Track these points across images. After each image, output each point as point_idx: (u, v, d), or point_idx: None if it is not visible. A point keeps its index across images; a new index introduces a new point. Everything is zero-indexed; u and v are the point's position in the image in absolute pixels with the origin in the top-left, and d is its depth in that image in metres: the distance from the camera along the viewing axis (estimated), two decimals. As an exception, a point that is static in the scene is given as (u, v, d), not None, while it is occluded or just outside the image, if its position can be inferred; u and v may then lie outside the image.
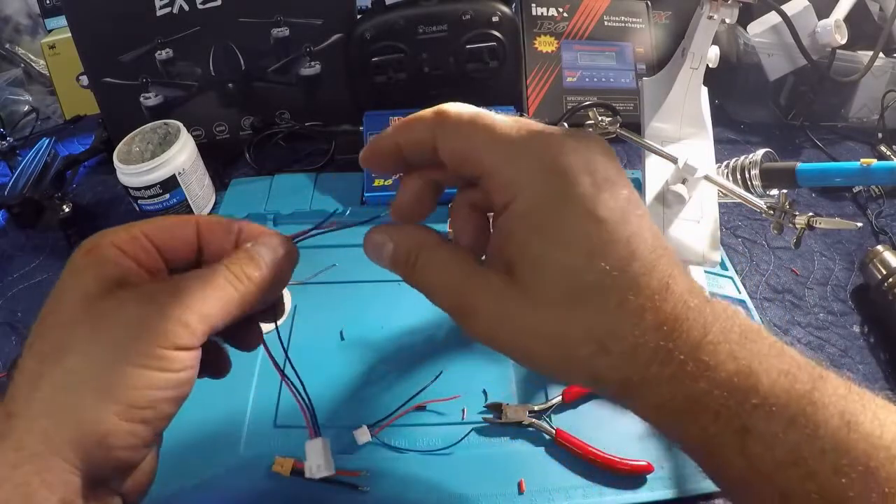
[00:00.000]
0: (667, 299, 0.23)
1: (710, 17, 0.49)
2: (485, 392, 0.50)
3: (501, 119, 0.26)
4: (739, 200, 0.50)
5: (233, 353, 0.54)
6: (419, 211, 0.29)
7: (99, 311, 0.24)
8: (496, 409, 0.48)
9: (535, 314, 0.24)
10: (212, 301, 0.25)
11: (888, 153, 0.79)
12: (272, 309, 0.31)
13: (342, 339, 0.54)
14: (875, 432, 0.22)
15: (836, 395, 0.22)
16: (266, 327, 0.51)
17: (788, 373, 0.23)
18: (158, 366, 0.24)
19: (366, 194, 0.67)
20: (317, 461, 0.29)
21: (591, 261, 0.23)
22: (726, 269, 0.62)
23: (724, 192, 0.51)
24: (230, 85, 0.74)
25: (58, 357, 0.23)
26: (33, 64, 0.93)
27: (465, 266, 0.26)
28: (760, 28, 0.80)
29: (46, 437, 0.23)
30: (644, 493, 0.44)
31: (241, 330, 0.30)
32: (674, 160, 0.51)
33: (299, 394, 0.30)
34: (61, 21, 0.82)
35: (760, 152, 0.53)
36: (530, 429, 0.47)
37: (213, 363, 0.31)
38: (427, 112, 0.27)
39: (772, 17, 0.78)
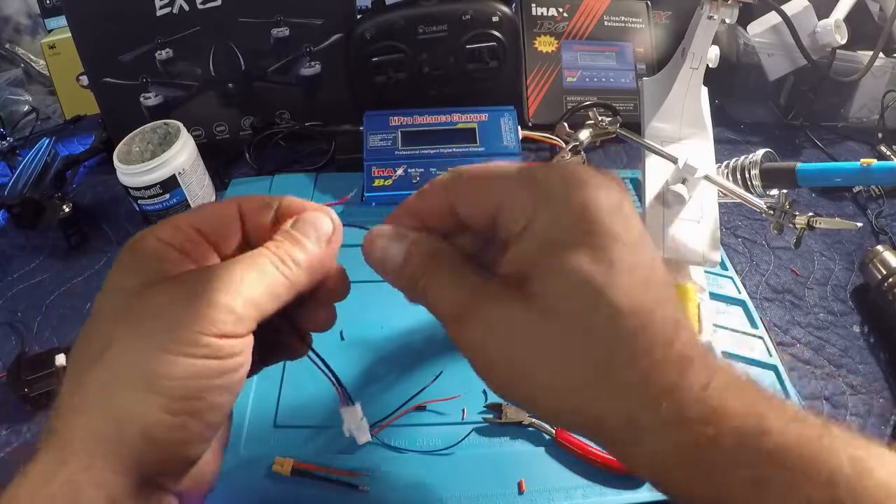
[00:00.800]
0: (678, 337, 0.22)
1: (710, 17, 0.49)
2: (485, 392, 0.50)
3: (509, 163, 0.25)
4: (739, 200, 0.50)
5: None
6: None
7: (141, 304, 0.24)
8: (496, 409, 0.48)
9: (542, 324, 0.23)
10: (258, 285, 0.24)
11: (888, 153, 0.79)
12: (336, 288, 0.30)
13: (342, 339, 0.54)
14: (891, 481, 0.21)
15: (844, 441, 0.22)
16: None
17: (797, 417, 0.22)
18: (203, 353, 0.23)
19: (366, 194, 0.67)
20: (354, 425, 0.31)
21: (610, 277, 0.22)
22: (726, 269, 0.62)
23: (724, 192, 0.51)
24: (230, 85, 0.74)
25: (100, 353, 0.23)
26: (33, 64, 0.93)
27: (474, 274, 0.25)
28: (760, 28, 0.80)
29: (92, 433, 0.22)
30: (644, 493, 0.44)
31: (312, 310, 0.29)
32: (674, 160, 0.51)
33: (328, 369, 0.31)
34: (61, 21, 0.82)
35: (760, 152, 0.53)
36: (530, 429, 0.47)
37: (288, 344, 0.30)
38: (438, 178, 0.27)
39: (772, 17, 0.78)
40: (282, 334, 0.30)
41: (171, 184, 0.63)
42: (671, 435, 0.22)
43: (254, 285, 0.24)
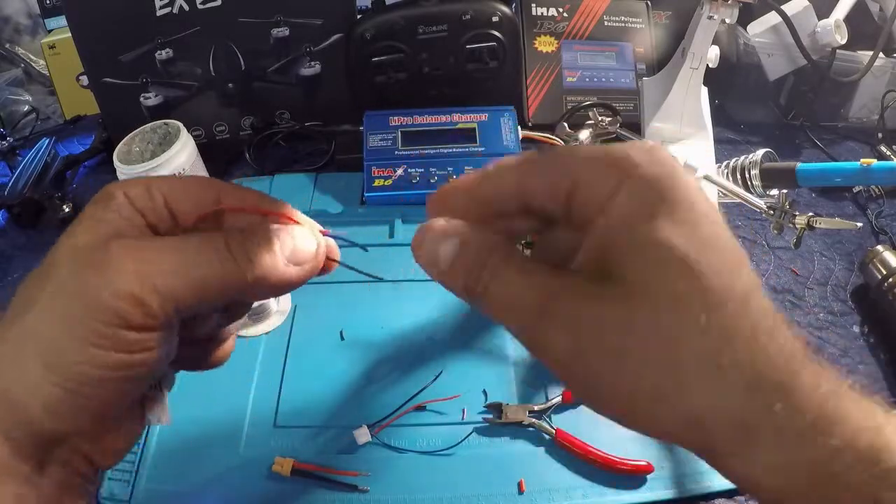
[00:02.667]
0: (778, 328, 0.19)
1: (710, 17, 0.50)
2: (485, 392, 0.50)
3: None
4: (739, 200, 0.50)
5: (233, 354, 0.54)
6: None
7: (72, 269, 0.22)
8: (496, 409, 0.48)
9: (634, 314, 0.19)
10: (185, 276, 0.22)
11: (888, 153, 0.79)
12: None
13: (342, 339, 0.54)
14: None
15: None
16: (257, 329, 0.51)
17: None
18: (104, 344, 0.21)
19: (366, 194, 0.67)
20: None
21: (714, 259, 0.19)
22: (726, 269, 0.62)
23: (724, 192, 0.51)
24: (230, 85, 0.74)
25: (24, 311, 0.22)
26: (33, 64, 0.93)
27: (547, 270, 0.21)
28: (760, 28, 0.80)
29: None
30: (644, 493, 0.44)
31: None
32: (674, 160, 0.51)
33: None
34: (61, 21, 0.82)
35: (760, 152, 0.53)
36: (530, 429, 0.47)
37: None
38: (505, 160, 0.23)
39: (772, 17, 0.78)
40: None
41: (171, 184, 0.63)
42: (784, 443, 0.19)
43: (180, 274, 0.22)
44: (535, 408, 0.48)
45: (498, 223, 0.23)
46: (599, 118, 0.57)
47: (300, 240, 0.24)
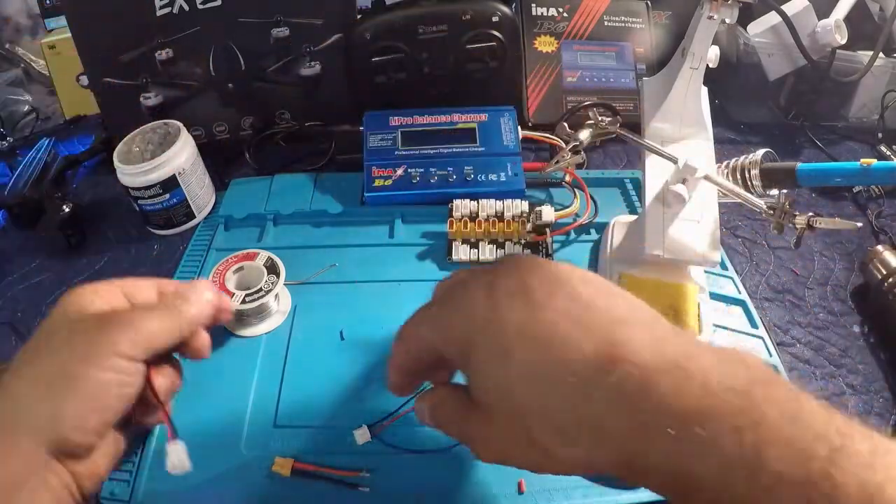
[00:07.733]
0: (612, 370, 0.25)
1: (710, 17, 0.49)
2: (485, 392, 0.50)
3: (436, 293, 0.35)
4: (739, 200, 0.50)
5: (233, 354, 0.55)
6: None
7: (71, 327, 0.33)
8: (496, 409, 0.48)
9: (491, 429, 0.30)
10: (151, 325, 0.35)
11: (888, 153, 0.79)
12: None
13: (342, 339, 0.54)
14: None
15: (858, 465, 0.22)
16: (257, 329, 0.54)
17: (803, 446, 0.22)
18: (115, 368, 0.32)
19: (366, 194, 0.66)
20: (177, 460, 0.37)
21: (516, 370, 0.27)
22: (726, 269, 0.62)
23: (724, 192, 0.51)
24: (230, 85, 0.74)
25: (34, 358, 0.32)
26: (33, 64, 0.93)
27: (460, 405, 0.32)
28: (760, 28, 0.80)
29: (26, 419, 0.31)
30: (644, 493, 0.44)
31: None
32: (674, 160, 0.51)
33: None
34: (61, 21, 0.82)
35: (760, 152, 0.53)
36: (530, 429, 0.47)
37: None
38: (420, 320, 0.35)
39: (772, 17, 0.78)
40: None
41: (171, 184, 0.63)
42: (656, 459, 0.25)
43: (148, 324, 0.34)
44: (535, 408, 0.48)
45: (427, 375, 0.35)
46: (599, 118, 0.57)
47: (201, 291, 0.39)
